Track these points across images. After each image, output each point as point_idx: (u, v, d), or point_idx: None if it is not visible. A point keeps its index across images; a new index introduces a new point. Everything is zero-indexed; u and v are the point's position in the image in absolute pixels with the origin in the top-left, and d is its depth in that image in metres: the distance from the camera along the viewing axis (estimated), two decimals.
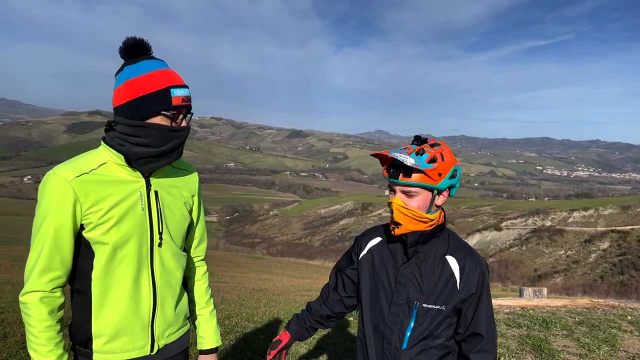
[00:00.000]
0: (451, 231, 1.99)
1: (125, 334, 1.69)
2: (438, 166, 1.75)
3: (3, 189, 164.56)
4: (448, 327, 1.90)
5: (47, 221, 1.57)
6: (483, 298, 1.88)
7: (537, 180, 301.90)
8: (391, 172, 1.79)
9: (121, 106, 1.64)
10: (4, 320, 5.39)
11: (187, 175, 1.92)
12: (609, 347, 5.32)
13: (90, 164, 1.64)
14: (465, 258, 1.89)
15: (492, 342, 1.89)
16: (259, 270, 23.17)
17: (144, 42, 1.68)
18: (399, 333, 1.88)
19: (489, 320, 1.89)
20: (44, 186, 1.59)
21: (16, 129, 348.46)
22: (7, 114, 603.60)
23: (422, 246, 1.88)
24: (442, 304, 1.85)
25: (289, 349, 2.24)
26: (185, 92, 1.67)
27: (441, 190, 1.81)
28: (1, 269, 13.83)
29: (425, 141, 1.81)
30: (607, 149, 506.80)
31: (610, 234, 75.55)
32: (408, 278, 1.88)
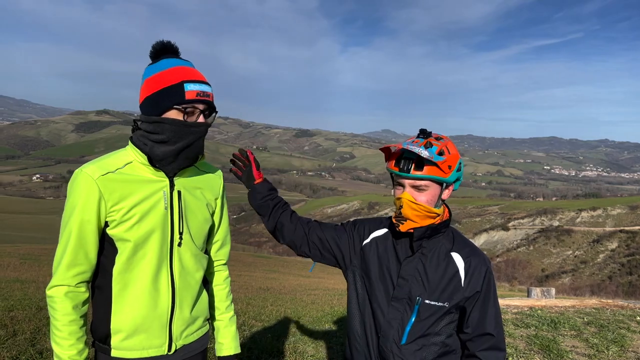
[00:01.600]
0: (455, 229, 1.96)
1: (143, 331, 1.71)
2: (447, 158, 1.74)
3: (12, 187, 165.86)
4: (448, 324, 1.87)
5: (73, 217, 1.63)
6: (490, 297, 1.86)
7: (545, 179, 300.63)
8: (401, 166, 1.76)
9: (142, 104, 1.71)
10: (13, 318, 5.43)
11: (211, 178, 1.94)
12: (617, 347, 5.29)
13: (116, 163, 1.71)
14: (470, 256, 1.87)
15: (502, 340, 1.87)
16: (266, 269, 23.24)
17: (171, 44, 1.74)
18: (398, 328, 1.85)
19: (497, 319, 1.87)
20: (72, 183, 1.66)
21: (25, 128, 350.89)
22: (16, 113, 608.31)
23: (427, 241, 1.86)
24: (445, 301, 1.82)
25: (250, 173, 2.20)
26: (202, 88, 1.68)
27: (449, 184, 1.80)
28: (10, 267, 13.94)
29: (430, 134, 1.80)
30: (615, 148, 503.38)
31: (618, 234, 75.12)
32: (411, 273, 1.85)
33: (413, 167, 1.73)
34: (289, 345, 5.32)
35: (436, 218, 1.82)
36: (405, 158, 1.75)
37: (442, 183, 1.78)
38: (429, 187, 1.76)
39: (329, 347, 5.40)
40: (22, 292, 8.22)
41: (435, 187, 1.78)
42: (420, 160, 1.72)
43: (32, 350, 4.31)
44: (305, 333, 5.99)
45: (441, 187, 1.79)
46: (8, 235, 45.71)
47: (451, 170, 1.76)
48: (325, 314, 7.58)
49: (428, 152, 1.70)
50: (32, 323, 5.23)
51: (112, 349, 1.72)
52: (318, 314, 7.70)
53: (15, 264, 14.68)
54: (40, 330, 4.98)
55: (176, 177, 1.77)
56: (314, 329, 6.24)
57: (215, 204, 1.94)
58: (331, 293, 12.88)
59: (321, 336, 5.79)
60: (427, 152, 1.70)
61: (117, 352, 1.72)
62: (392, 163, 1.81)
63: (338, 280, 20.87)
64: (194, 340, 1.86)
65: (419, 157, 1.72)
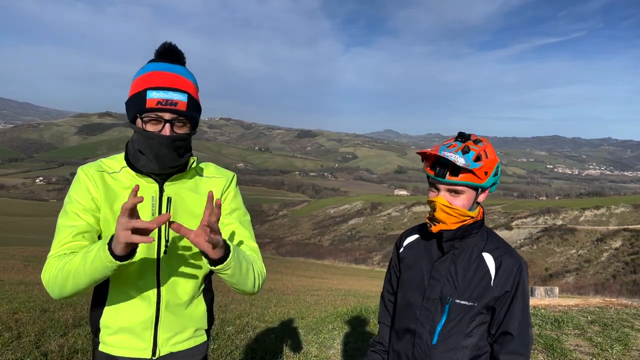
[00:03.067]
0: (490, 229, 1.95)
1: (127, 331, 1.72)
2: (484, 164, 1.73)
3: (15, 190, 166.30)
4: (480, 325, 1.85)
5: (69, 204, 1.67)
6: (518, 297, 1.82)
7: (548, 179, 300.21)
8: (437, 171, 1.75)
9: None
10: (18, 320, 5.45)
11: (213, 182, 1.85)
12: (621, 346, 5.28)
13: (113, 166, 1.73)
14: (502, 256, 1.84)
15: (523, 343, 1.81)
16: (269, 270, 23.10)
17: (170, 47, 1.70)
18: (430, 328, 1.86)
19: (522, 320, 1.82)
20: (74, 178, 1.71)
21: (28, 130, 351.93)
22: (19, 116, 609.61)
23: (459, 242, 1.85)
24: (475, 301, 1.81)
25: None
26: (166, 96, 1.59)
27: (485, 188, 1.80)
28: (14, 269, 14.00)
29: (469, 137, 1.78)
30: (618, 147, 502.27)
31: (622, 233, 74.82)
32: (442, 273, 1.86)
33: (449, 173, 1.73)
34: (293, 346, 5.33)
35: (469, 220, 1.82)
36: (441, 163, 1.74)
37: (478, 188, 1.79)
38: (464, 191, 1.76)
39: (333, 347, 5.40)
40: (26, 294, 8.25)
41: (471, 192, 1.78)
42: (457, 166, 1.71)
43: (36, 352, 4.32)
44: (309, 334, 5.99)
45: (477, 192, 1.80)
46: (12, 238, 45.87)
47: (487, 176, 1.75)
48: (329, 314, 7.59)
49: (464, 159, 1.69)
50: (37, 325, 5.25)
51: (100, 343, 1.75)
52: (322, 314, 7.71)
53: (19, 267, 14.74)
54: (45, 333, 4.99)
55: (168, 182, 1.72)
56: (318, 329, 6.24)
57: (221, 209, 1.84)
58: (334, 294, 12.88)
59: (325, 337, 5.80)
60: (463, 159, 1.69)
61: (104, 346, 1.74)
62: (428, 166, 1.80)
63: (341, 280, 20.89)
64: (183, 350, 1.81)
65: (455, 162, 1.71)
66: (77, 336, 4.95)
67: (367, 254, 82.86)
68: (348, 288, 15.96)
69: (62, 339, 4.84)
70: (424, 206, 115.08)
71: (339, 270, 31.93)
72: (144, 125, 1.60)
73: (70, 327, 5.31)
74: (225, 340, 5.23)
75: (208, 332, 1.94)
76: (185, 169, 1.75)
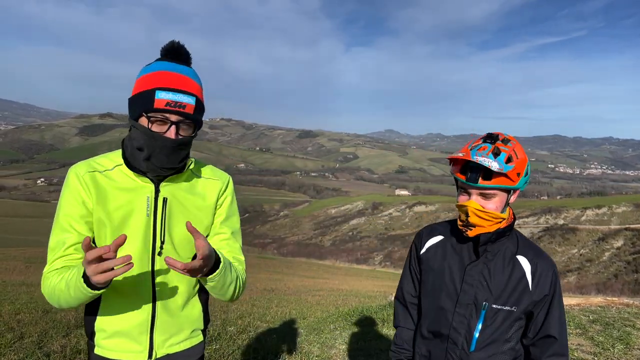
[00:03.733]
0: (519, 232, 1.92)
1: (123, 335, 1.71)
2: (516, 165, 1.70)
3: (17, 191, 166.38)
4: (518, 330, 1.83)
5: (60, 210, 1.65)
6: (555, 300, 1.82)
7: (549, 178, 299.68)
8: (469, 175, 1.71)
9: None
10: (20, 321, 5.47)
11: (210, 184, 1.83)
12: (623, 345, 5.28)
13: (105, 164, 1.69)
14: (537, 258, 1.82)
15: (565, 344, 1.83)
16: (270, 271, 23.26)
17: (177, 46, 1.67)
18: (466, 335, 1.82)
19: (561, 323, 1.82)
20: (65, 179, 1.68)
21: (29, 132, 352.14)
22: (20, 117, 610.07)
23: (491, 245, 1.82)
24: (513, 305, 1.78)
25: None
26: (176, 97, 1.57)
27: (517, 189, 1.77)
28: (16, 271, 14.02)
29: (497, 138, 1.74)
30: (620, 146, 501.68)
31: (624, 232, 74.69)
32: (476, 278, 1.82)
33: (481, 177, 1.69)
34: (295, 346, 5.34)
35: (502, 222, 1.79)
36: (471, 167, 1.71)
37: (510, 190, 1.75)
38: (496, 195, 1.73)
39: (335, 347, 5.41)
40: (28, 295, 8.27)
41: (503, 194, 1.74)
42: (489, 170, 1.68)
43: (39, 352, 4.33)
44: (311, 334, 6.00)
45: (509, 194, 1.76)
46: (13, 239, 45.89)
47: (519, 177, 1.72)
48: (331, 314, 7.59)
49: (497, 162, 1.66)
50: (39, 326, 5.26)
51: (95, 346, 1.74)
52: (323, 314, 7.71)
53: (20, 268, 14.76)
54: (47, 333, 5.01)
55: (164, 183, 1.70)
56: (320, 329, 6.25)
57: (215, 209, 1.84)
58: (336, 294, 12.89)
59: (327, 337, 5.80)
60: (496, 163, 1.66)
61: (99, 350, 1.73)
62: (457, 170, 1.76)
63: (342, 280, 20.88)
64: (179, 351, 1.81)
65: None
66: (79, 337, 4.96)
67: (368, 254, 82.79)
68: (349, 288, 15.96)
69: (65, 339, 4.85)
70: (425, 206, 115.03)
71: (340, 270, 31.92)
72: (149, 125, 1.58)
73: (72, 328, 5.31)
74: (227, 341, 5.24)
75: (204, 332, 1.94)
76: (182, 169, 1.73)
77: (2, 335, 4.78)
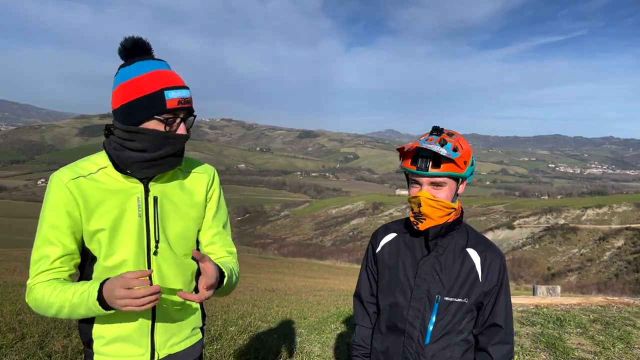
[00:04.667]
0: (468, 225, 2.00)
1: (123, 339, 1.69)
2: (462, 154, 1.77)
3: (17, 192, 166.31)
4: (470, 322, 1.90)
5: (43, 222, 1.61)
6: (503, 290, 1.89)
7: (550, 178, 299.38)
8: (419, 165, 1.77)
9: (116, 110, 1.61)
10: (21, 321, 5.47)
11: (196, 177, 1.83)
12: (623, 344, 5.29)
13: (89, 168, 1.65)
14: (485, 250, 1.90)
15: (510, 332, 1.89)
16: (271, 271, 23.25)
17: (143, 41, 1.62)
18: (420, 328, 1.87)
19: (507, 311, 1.89)
20: (47, 188, 1.64)
21: (29, 132, 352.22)
22: (20, 118, 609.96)
23: (442, 239, 1.88)
24: (464, 297, 1.85)
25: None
26: (183, 94, 1.59)
27: (464, 178, 1.84)
28: (17, 271, 14.02)
29: (442, 131, 1.82)
30: (620, 145, 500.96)
31: (624, 232, 74.76)
32: (428, 272, 1.87)
33: (431, 165, 1.76)
34: (295, 346, 5.34)
35: (451, 214, 1.85)
36: (422, 157, 1.77)
37: (459, 178, 1.83)
38: (446, 183, 1.80)
39: (336, 347, 5.41)
40: None
41: (452, 182, 1.82)
42: (437, 158, 1.75)
43: (40, 353, 4.34)
44: (312, 334, 6.00)
45: (457, 183, 1.84)
46: (14, 240, 45.87)
47: (466, 166, 1.80)
48: (331, 314, 7.60)
49: (445, 149, 1.73)
50: (40, 326, 5.27)
51: (94, 354, 1.71)
52: (324, 314, 7.72)
53: (21, 268, 14.76)
54: (49, 334, 5.02)
55: (152, 182, 1.69)
56: (320, 329, 6.25)
57: (206, 205, 1.85)
58: (337, 294, 12.89)
59: (327, 337, 5.81)
60: (444, 149, 1.73)
61: (99, 357, 1.71)
62: (408, 162, 1.82)
63: (343, 281, 20.87)
64: (180, 350, 1.81)
65: (435, 155, 1.75)
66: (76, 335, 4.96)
67: None
68: (350, 288, 15.95)
69: (66, 339, 4.86)
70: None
71: (341, 270, 31.88)
72: (166, 127, 1.58)
73: (74, 328, 5.32)
74: (228, 341, 5.25)
75: (202, 329, 1.96)
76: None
77: (4, 335, 4.79)
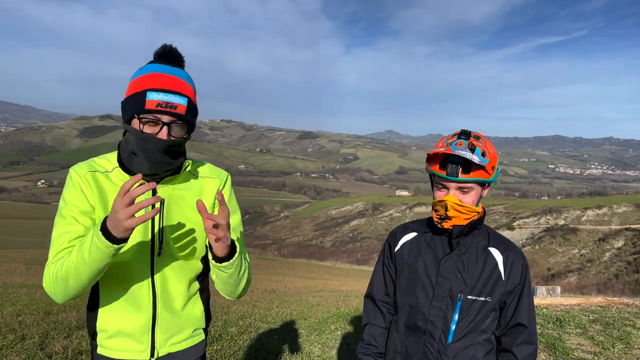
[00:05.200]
0: (488, 226, 2.00)
1: (124, 334, 1.72)
2: (491, 160, 1.77)
3: (17, 193, 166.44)
4: (493, 321, 1.88)
5: (64, 207, 1.65)
6: (526, 289, 1.88)
7: (550, 178, 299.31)
8: (449, 170, 1.76)
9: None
10: (21, 322, 5.48)
11: (207, 183, 1.83)
12: (623, 344, 5.29)
13: (105, 166, 1.71)
14: (508, 250, 1.90)
15: (534, 333, 1.88)
16: (271, 272, 23.24)
17: (169, 49, 1.68)
18: (442, 327, 1.85)
19: (530, 311, 1.88)
20: (67, 178, 1.68)
21: (29, 134, 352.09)
22: (20, 119, 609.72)
23: (464, 239, 1.88)
24: (487, 295, 1.84)
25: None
26: (167, 98, 1.57)
27: (490, 183, 1.85)
28: (17, 272, 14.02)
29: (470, 134, 1.81)
30: (620, 146, 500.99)
31: (624, 232, 74.71)
32: (451, 270, 1.86)
33: (461, 171, 1.75)
34: (295, 347, 5.35)
35: (476, 215, 1.85)
36: (451, 162, 1.76)
37: (485, 183, 1.83)
38: (473, 188, 1.80)
39: (336, 347, 5.42)
40: (29, 297, 8.28)
41: (479, 187, 1.82)
42: (468, 164, 1.74)
43: (41, 354, 4.35)
44: (312, 334, 6.01)
45: (483, 187, 1.85)
46: (14, 241, 45.90)
47: (494, 171, 1.81)
48: (331, 315, 7.60)
49: (476, 155, 1.72)
50: (41, 327, 5.28)
51: (98, 346, 1.75)
52: (324, 315, 7.72)
53: (21, 270, 14.77)
54: (49, 334, 5.02)
55: (161, 184, 1.70)
56: (321, 330, 6.26)
57: (214, 209, 1.84)
58: (337, 294, 12.90)
59: (328, 337, 5.81)
60: (476, 156, 1.72)
61: (102, 349, 1.74)
62: (436, 166, 1.80)
63: (343, 281, 20.88)
64: (181, 349, 1.82)
65: (465, 160, 1.74)
66: (81, 338, 4.98)
67: (369, 255, 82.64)
68: (350, 289, 15.95)
69: (66, 340, 4.87)
70: (425, 207, 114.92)
71: (340, 271, 31.91)
72: (141, 126, 1.58)
73: (74, 329, 5.33)
74: (228, 342, 5.25)
75: (205, 330, 1.95)
76: (179, 170, 1.74)
77: (4, 336, 4.80)
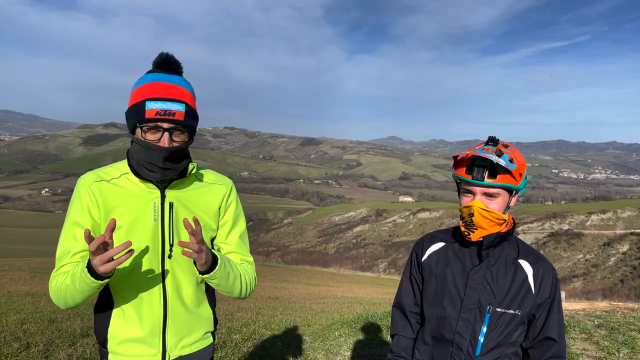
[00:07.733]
0: (518, 237, 1.95)
1: (135, 340, 1.75)
2: (518, 166, 1.73)
3: (21, 202, 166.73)
4: (521, 335, 1.85)
5: (68, 219, 1.73)
6: (556, 303, 1.85)
7: (553, 183, 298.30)
8: (474, 174, 1.73)
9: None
10: (26, 330, 5.49)
11: (213, 188, 1.89)
12: (628, 349, 5.27)
13: (112, 173, 1.76)
14: (538, 262, 1.85)
15: (563, 347, 1.85)
16: (275, 279, 23.21)
17: (166, 57, 1.72)
18: (470, 339, 1.82)
19: (560, 325, 1.84)
20: (75, 189, 1.75)
21: (33, 142, 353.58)
22: (24, 128, 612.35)
23: (493, 250, 1.84)
24: (517, 308, 1.80)
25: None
26: (165, 106, 1.63)
27: (517, 191, 1.79)
28: (21, 281, 14.05)
29: (498, 142, 1.78)
30: (624, 150, 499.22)
31: (629, 237, 74.40)
32: (479, 282, 1.83)
33: (487, 175, 1.72)
34: (299, 353, 5.34)
35: (503, 225, 1.81)
36: (477, 166, 1.74)
37: (512, 190, 1.78)
38: (500, 194, 1.76)
39: (340, 354, 5.41)
40: (33, 305, 8.29)
41: (506, 194, 1.77)
42: (494, 168, 1.72)
43: None
44: (316, 341, 6.00)
45: (510, 195, 1.79)
46: (18, 249, 46.01)
47: (521, 178, 1.76)
48: (335, 321, 7.58)
49: (503, 160, 1.69)
50: (45, 335, 5.28)
51: (109, 353, 1.77)
52: (328, 322, 7.71)
53: (25, 278, 14.80)
54: (53, 343, 5.03)
55: (169, 188, 1.76)
56: (325, 336, 6.25)
57: (219, 213, 1.89)
58: (341, 301, 12.86)
59: (332, 344, 5.80)
60: (502, 160, 1.69)
61: (113, 356, 1.77)
62: (462, 170, 1.78)
63: (347, 288, 20.82)
64: (191, 352, 1.85)
65: (492, 164, 1.71)
66: (85, 346, 4.98)
67: (372, 261, 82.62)
68: (354, 295, 15.92)
69: (71, 348, 4.88)
70: (429, 212, 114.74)
71: (344, 277, 31.82)
72: (143, 135, 1.64)
73: (79, 337, 5.34)
74: (232, 348, 5.25)
75: (213, 334, 1.99)
76: (185, 174, 1.79)
77: (9, 344, 4.80)
